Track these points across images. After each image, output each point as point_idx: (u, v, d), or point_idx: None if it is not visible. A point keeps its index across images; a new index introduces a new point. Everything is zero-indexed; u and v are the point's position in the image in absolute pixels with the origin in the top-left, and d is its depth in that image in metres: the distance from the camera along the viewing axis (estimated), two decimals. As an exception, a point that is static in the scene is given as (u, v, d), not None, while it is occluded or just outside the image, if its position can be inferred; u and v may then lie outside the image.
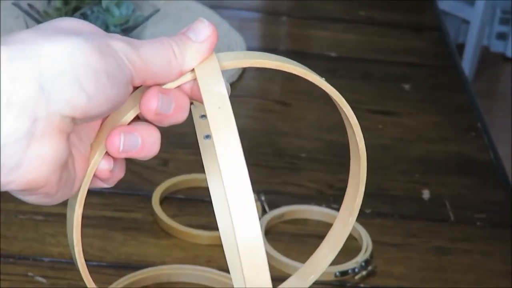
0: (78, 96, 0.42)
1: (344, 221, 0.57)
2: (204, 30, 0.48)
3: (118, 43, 0.45)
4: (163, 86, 0.47)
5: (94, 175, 0.48)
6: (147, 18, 1.12)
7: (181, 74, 0.47)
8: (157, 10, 1.13)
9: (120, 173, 0.49)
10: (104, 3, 1.09)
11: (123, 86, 0.45)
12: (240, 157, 0.45)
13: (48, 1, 1.10)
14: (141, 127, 0.47)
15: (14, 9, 1.11)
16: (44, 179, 0.43)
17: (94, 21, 1.08)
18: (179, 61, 0.47)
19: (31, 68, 0.41)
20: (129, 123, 0.47)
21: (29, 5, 1.09)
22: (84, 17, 1.09)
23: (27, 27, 1.11)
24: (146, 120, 0.47)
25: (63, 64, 0.42)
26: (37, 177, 0.43)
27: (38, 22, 1.07)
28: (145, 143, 0.47)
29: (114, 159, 0.48)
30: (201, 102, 0.46)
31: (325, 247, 0.58)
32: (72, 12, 1.08)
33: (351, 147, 0.55)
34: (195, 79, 0.47)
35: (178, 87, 0.47)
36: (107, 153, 0.47)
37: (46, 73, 0.42)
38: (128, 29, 1.09)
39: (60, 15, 1.08)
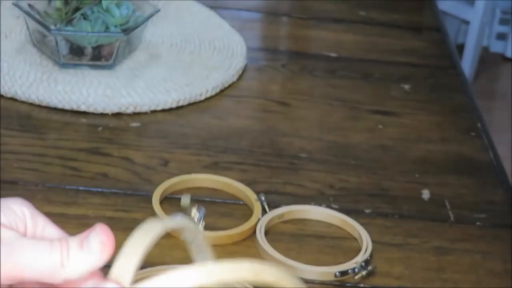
0: None
1: None
2: (95, 243, 0.46)
3: None
4: None
5: None
6: (147, 18, 1.12)
7: (67, 280, 0.45)
8: (157, 10, 1.13)
9: None
10: (104, 3, 1.09)
11: None
12: None
13: (49, 1, 1.10)
14: None
15: (14, 9, 1.11)
16: None
17: (94, 21, 1.08)
18: (66, 269, 0.45)
19: None
20: None
21: (29, 5, 1.09)
22: (84, 17, 1.09)
23: (27, 27, 1.11)
24: None
25: None
26: None
27: (39, 22, 1.07)
28: None
29: None
30: None
31: None
32: (73, 12, 1.08)
33: None
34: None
35: None
36: None
37: None
38: (128, 29, 1.09)
39: (60, 15, 1.08)
